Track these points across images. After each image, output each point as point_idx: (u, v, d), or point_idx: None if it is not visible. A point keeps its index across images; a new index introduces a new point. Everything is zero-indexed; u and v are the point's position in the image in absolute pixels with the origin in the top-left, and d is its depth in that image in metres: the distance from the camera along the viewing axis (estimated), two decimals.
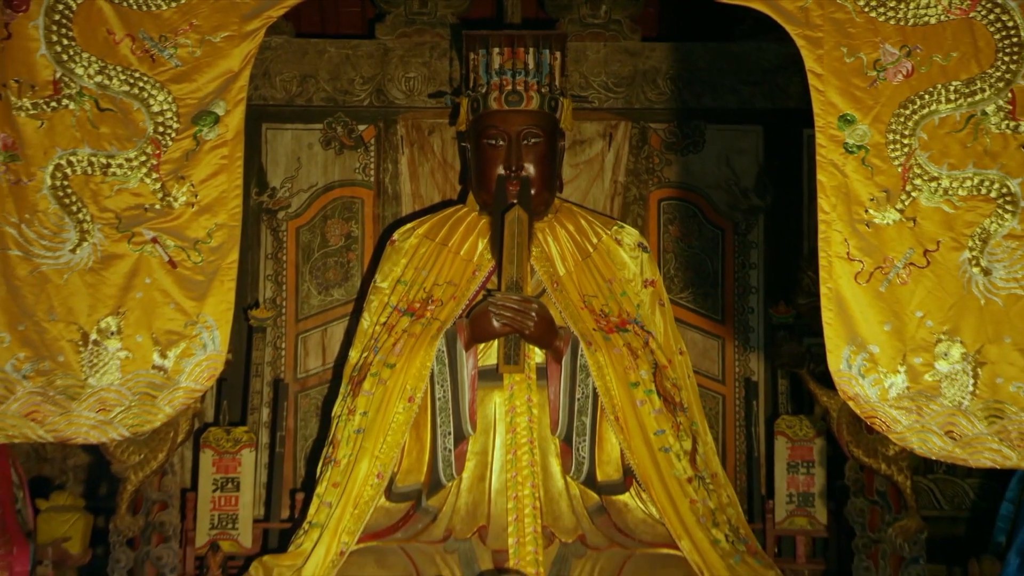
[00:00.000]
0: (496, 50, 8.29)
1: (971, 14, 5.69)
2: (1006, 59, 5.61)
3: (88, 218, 5.87)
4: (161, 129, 5.93)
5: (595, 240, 8.34)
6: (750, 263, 8.73)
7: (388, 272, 8.35)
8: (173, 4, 5.97)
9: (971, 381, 5.64)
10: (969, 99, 5.68)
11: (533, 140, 8.22)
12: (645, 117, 8.85)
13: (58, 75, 5.83)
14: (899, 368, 5.68)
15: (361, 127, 8.83)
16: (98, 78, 5.85)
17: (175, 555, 7.43)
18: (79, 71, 5.83)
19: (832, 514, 8.00)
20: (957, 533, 8.17)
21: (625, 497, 8.03)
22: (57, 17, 5.78)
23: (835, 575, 7.93)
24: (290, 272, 8.74)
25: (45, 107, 5.80)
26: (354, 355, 8.23)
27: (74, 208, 5.85)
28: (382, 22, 8.84)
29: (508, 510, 7.87)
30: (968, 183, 5.67)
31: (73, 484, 8.30)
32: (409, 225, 8.49)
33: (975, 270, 5.67)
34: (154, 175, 5.91)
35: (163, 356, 5.91)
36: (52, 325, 5.81)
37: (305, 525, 7.76)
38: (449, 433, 7.98)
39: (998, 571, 7.62)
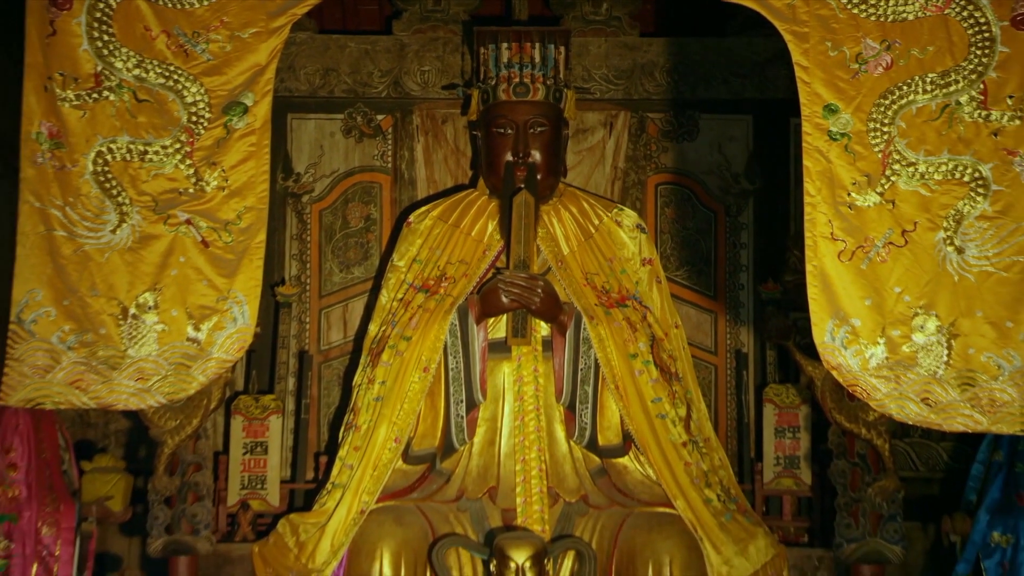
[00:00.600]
0: (504, 45, 8.30)
1: (946, 11, 5.69)
2: (978, 53, 5.62)
3: (127, 201, 5.87)
4: (194, 119, 5.93)
5: (597, 222, 8.35)
6: (740, 243, 8.73)
7: (404, 252, 8.36)
8: (205, 2, 5.98)
9: (945, 352, 5.65)
10: (944, 90, 5.68)
11: (539, 129, 8.22)
12: (643, 107, 8.84)
13: (99, 69, 5.83)
14: (879, 340, 5.70)
15: (379, 117, 8.82)
16: (136, 71, 5.86)
17: (209, 513, 7.44)
18: (118, 65, 5.83)
19: (816, 475, 8.03)
20: (931, 492, 8.21)
21: (624, 460, 8.06)
22: (98, 15, 5.79)
23: (819, 532, 7.96)
24: (314, 252, 8.75)
25: (87, 98, 5.79)
26: (373, 329, 8.24)
27: (114, 192, 5.86)
28: (399, 19, 8.84)
29: (516, 472, 7.91)
30: (943, 168, 5.68)
31: (114, 447, 8.33)
32: (424, 208, 8.49)
33: (949, 249, 5.68)
34: (188, 161, 5.92)
35: (197, 329, 5.92)
36: (94, 300, 5.82)
37: (328, 486, 7.76)
38: (461, 401, 8.00)
39: (969, 527, 7.68)
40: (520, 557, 7.33)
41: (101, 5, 5.89)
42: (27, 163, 5.78)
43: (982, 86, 5.63)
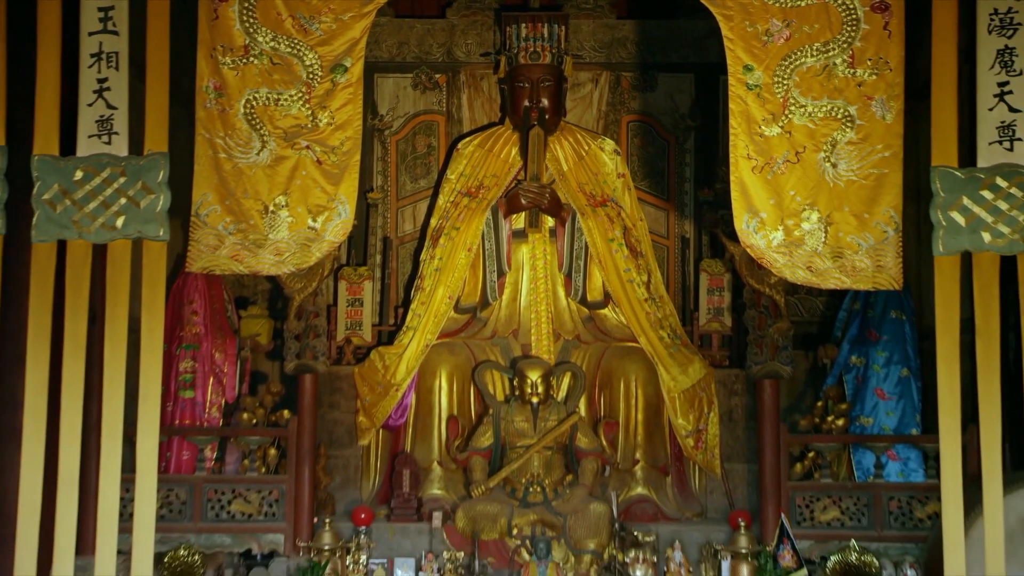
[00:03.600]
0: (524, 25, 8.33)
1: (827, 0, 5.64)
2: (848, 29, 5.50)
3: (266, 133, 5.76)
4: (311, 76, 5.79)
5: (586, 148, 8.38)
6: (685, 163, 8.63)
7: (454, 169, 8.39)
8: None
9: (823, 235, 5.58)
10: (825, 55, 5.56)
11: (547, 83, 8.25)
12: (618, 68, 8.74)
13: (247, 42, 5.71)
14: (778, 227, 5.62)
15: (437, 75, 8.74)
16: (272, 44, 5.74)
17: (324, 345, 7.43)
18: (260, 39, 5.72)
19: (734, 320, 8.05)
20: (811, 331, 8.20)
21: (605, 311, 8.18)
22: (246, 5, 5.62)
23: (736, 358, 7.98)
24: (392, 169, 8.70)
25: (239, 63, 5.69)
26: (433, 221, 8.32)
27: (257, 127, 5.76)
28: (451, 7, 8.73)
29: (531, 319, 8.08)
30: (823, 109, 5.57)
31: (261, 301, 8.31)
32: (467, 138, 8.52)
33: (827, 165, 5.58)
34: (307, 105, 5.79)
35: (314, 220, 5.82)
36: (245, 201, 5.73)
37: (404, 328, 7.91)
38: (494, 270, 8.13)
39: (835, 354, 7.82)
40: (534, 375, 7.54)
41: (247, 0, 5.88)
42: (200, 108, 5.67)
43: (851, 52, 5.53)
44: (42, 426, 4.95)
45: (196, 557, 6.54)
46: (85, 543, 5.12)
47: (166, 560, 6.42)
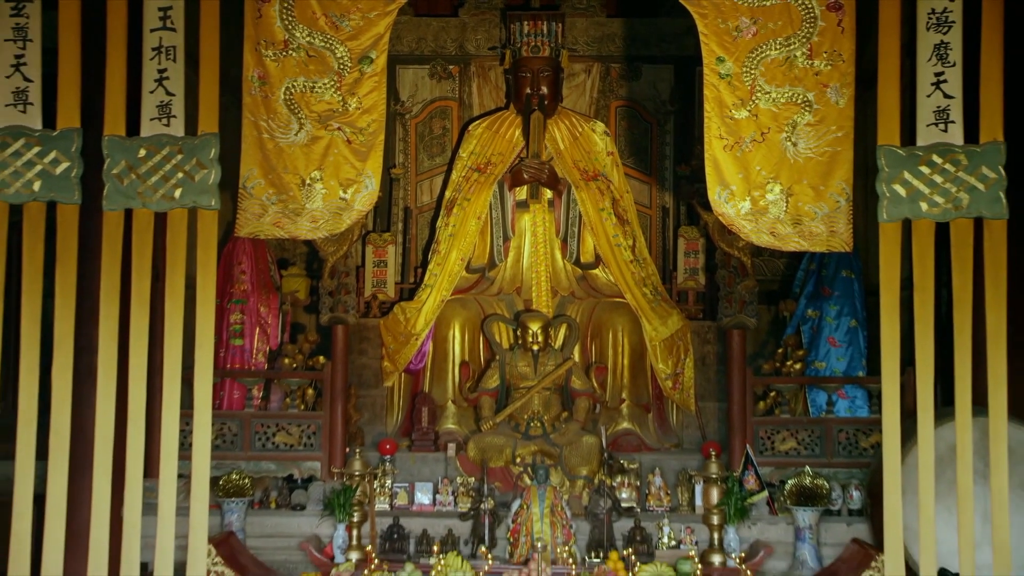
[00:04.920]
0: (526, 23, 8.33)
1: (789, 0, 5.58)
2: (807, 26, 5.44)
3: (303, 116, 5.70)
4: (341, 66, 5.71)
5: (580, 130, 8.36)
6: (666, 142, 8.64)
7: (466, 147, 8.38)
8: None
9: (784, 204, 5.53)
10: (787, 48, 5.50)
11: (546, 73, 8.25)
12: (608, 60, 8.73)
13: (286, 37, 5.65)
14: (746, 198, 5.56)
15: (451, 67, 8.74)
16: (308, 39, 5.67)
17: (354, 300, 7.47)
18: (297, 34, 5.65)
19: (708, 279, 8.07)
20: (773, 288, 8.23)
21: (596, 271, 8.19)
22: (286, 4, 5.54)
23: (709, 312, 8.01)
24: (412, 148, 8.71)
25: (280, 55, 5.64)
26: (448, 193, 8.32)
27: (296, 110, 5.70)
28: (463, 7, 8.73)
29: (532, 277, 8.12)
30: (785, 95, 5.50)
31: (299, 262, 8.35)
32: (477, 121, 8.51)
33: (788, 144, 5.51)
34: (338, 92, 5.72)
35: (345, 192, 5.76)
36: (285, 175, 5.69)
37: (422, 286, 7.94)
38: (500, 236, 8.16)
39: (794, 308, 7.85)
40: (534, 326, 7.61)
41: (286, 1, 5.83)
42: (246, 95, 5.64)
43: (809, 46, 5.46)
44: (113, 369, 4.96)
45: (246, 481, 6.61)
46: (151, 468, 5.15)
47: (220, 483, 6.48)
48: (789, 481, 6.57)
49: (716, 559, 6.00)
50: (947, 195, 4.90)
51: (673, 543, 6.35)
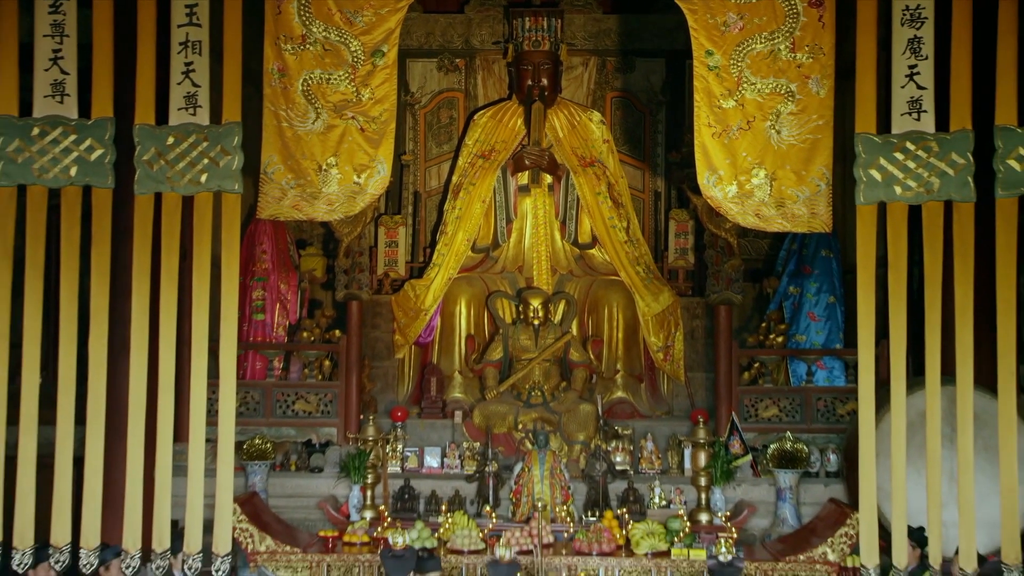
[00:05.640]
0: (528, 19, 8.32)
1: None
2: (790, 21, 5.42)
3: (320, 106, 5.66)
4: (355, 60, 5.67)
5: (578, 119, 8.37)
6: (658, 131, 8.68)
7: (471, 135, 8.38)
8: None
9: (769, 188, 5.50)
10: (771, 42, 5.46)
11: (546, 66, 8.25)
12: (604, 54, 8.74)
13: (304, 32, 5.61)
14: (733, 182, 5.52)
15: (457, 60, 8.74)
16: (324, 33, 5.64)
17: (367, 278, 7.54)
18: (314, 30, 5.62)
19: (697, 258, 8.06)
20: (758, 267, 8.25)
21: (593, 251, 8.21)
22: (303, 2, 5.49)
23: (698, 289, 8.01)
24: (421, 136, 8.72)
25: (298, 49, 5.60)
26: (455, 178, 8.33)
27: (312, 101, 5.66)
28: (468, 4, 8.74)
29: (533, 257, 8.15)
30: (770, 86, 5.47)
31: (317, 242, 8.39)
32: (482, 111, 8.51)
33: (773, 131, 5.47)
34: (352, 84, 5.67)
35: (358, 177, 5.71)
36: (303, 161, 5.66)
37: (431, 264, 7.97)
38: (504, 218, 8.18)
39: (777, 285, 7.86)
40: (535, 302, 7.68)
41: None
42: (267, 86, 5.61)
43: (792, 40, 5.43)
44: (145, 341, 4.99)
45: (268, 445, 6.68)
46: (181, 433, 5.18)
47: (244, 447, 6.55)
48: (771, 446, 6.67)
49: (703, 517, 6.07)
50: (919, 180, 4.91)
51: (664, 503, 6.42)
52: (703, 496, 6.20)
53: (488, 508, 6.13)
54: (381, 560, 5.03)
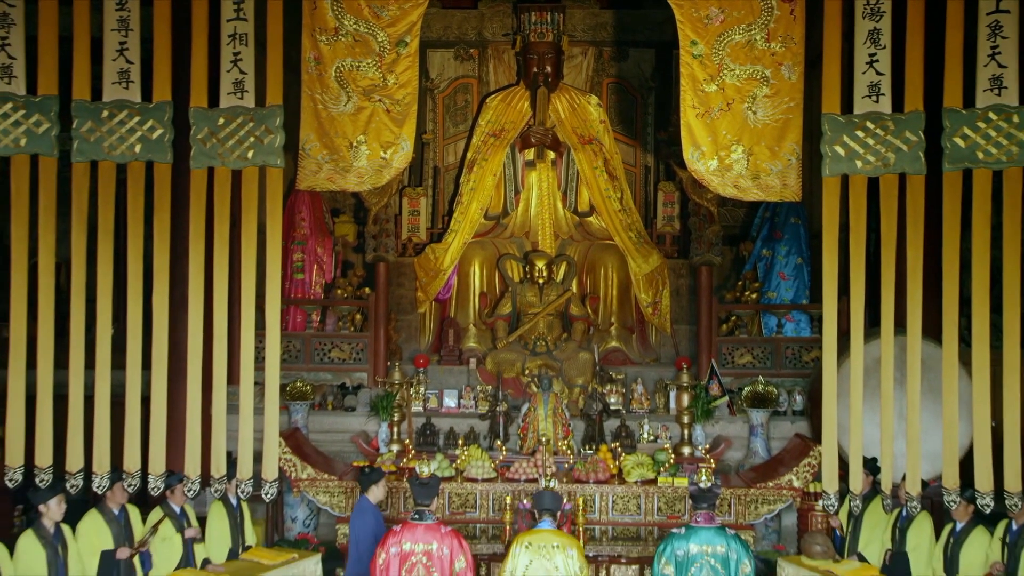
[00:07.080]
0: (533, 13, 8.26)
1: None
2: (765, 14, 5.39)
3: (351, 90, 5.66)
4: (382, 49, 5.66)
5: (577, 102, 8.33)
6: (648, 112, 8.63)
7: (484, 117, 8.36)
8: None
9: (746, 162, 5.48)
10: (748, 32, 5.43)
11: (549, 56, 8.21)
12: (601, 45, 8.68)
13: (336, 25, 5.61)
14: (714, 157, 5.49)
15: (471, 50, 8.68)
16: (354, 26, 5.63)
17: (393, 242, 7.58)
18: (346, 23, 5.62)
19: (682, 225, 8.06)
20: (735, 232, 8.24)
21: (591, 218, 8.21)
22: None
23: (684, 252, 8.00)
24: (440, 117, 8.68)
25: (331, 40, 5.61)
26: (470, 154, 8.31)
27: (344, 85, 5.67)
28: (481, 0, 8.68)
29: (539, 224, 8.15)
30: (747, 72, 5.45)
31: (349, 211, 8.36)
32: (493, 95, 8.48)
33: (750, 112, 5.44)
34: (379, 70, 5.67)
35: (385, 153, 5.69)
36: (336, 139, 5.65)
37: (448, 231, 8.00)
38: (513, 189, 8.18)
39: (752, 248, 7.82)
40: (540, 263, 7.73)
41: None
42: (304, 73, 5.61)
43: (767, 31, 5.39)
44: (201, 297, 5.03)
45: (307, 387, 6.79)
46: (233, 376, 5.22)
47: (287, 389, 6.65)
48: (745, 388, 6.78)
49: (686, 450, 6.16)
50: (877, 155, 4.93)
51: (651, 438, 6.52)
52: (686, 432, 6.27)
53: (499, 442, 6.25)
54: (409, 486, 5.11)
